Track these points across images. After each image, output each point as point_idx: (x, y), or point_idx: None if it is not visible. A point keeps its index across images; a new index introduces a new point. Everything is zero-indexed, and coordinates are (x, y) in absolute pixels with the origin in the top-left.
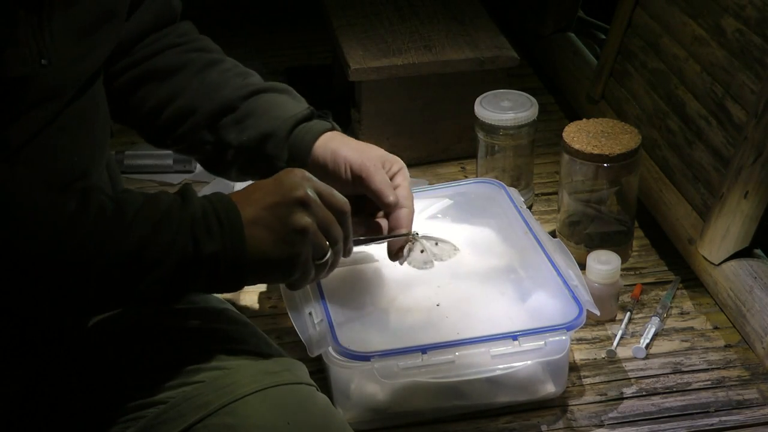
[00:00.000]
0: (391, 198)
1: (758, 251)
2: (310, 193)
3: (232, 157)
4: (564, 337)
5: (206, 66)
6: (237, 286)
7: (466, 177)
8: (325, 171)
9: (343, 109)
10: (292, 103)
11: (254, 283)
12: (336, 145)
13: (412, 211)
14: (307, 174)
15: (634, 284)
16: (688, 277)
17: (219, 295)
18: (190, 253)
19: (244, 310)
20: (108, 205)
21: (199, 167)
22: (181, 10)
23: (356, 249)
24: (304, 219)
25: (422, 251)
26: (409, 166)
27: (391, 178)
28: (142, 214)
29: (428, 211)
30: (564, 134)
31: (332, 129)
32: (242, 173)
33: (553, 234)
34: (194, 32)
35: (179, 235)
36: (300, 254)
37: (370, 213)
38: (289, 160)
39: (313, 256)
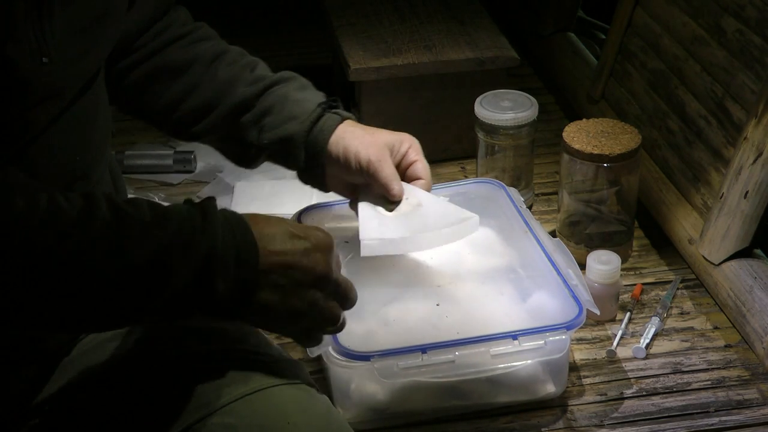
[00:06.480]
0: (394, 191)
1: (758, 251)
2: (333, 269)
3: (254, 154)
4: (564, 337)
5: (214, 59)
6: (230, 323)
7: (466, 177)
8: (339, 166)
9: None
10: (305, 97)
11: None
12: (346, 141)
13: (429, 183)
14: (333, 244)
15: (634, 284)
16: (688, 277)
17: None
18: (198, 286)
19: None
20: (110, 215)
21: (199, 167)
22: None
23: None
24: (316, 295)
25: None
26: None
27: (404, 157)
28: (154, 233)
29: None
30: (564, 134)
31: (342, 120)
32: (263, 162)
33: (553, 234)
34: (191, 19)
35: (191, 264)
36: (302, 321)
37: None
38: (306, 159)
39: (322, 326)
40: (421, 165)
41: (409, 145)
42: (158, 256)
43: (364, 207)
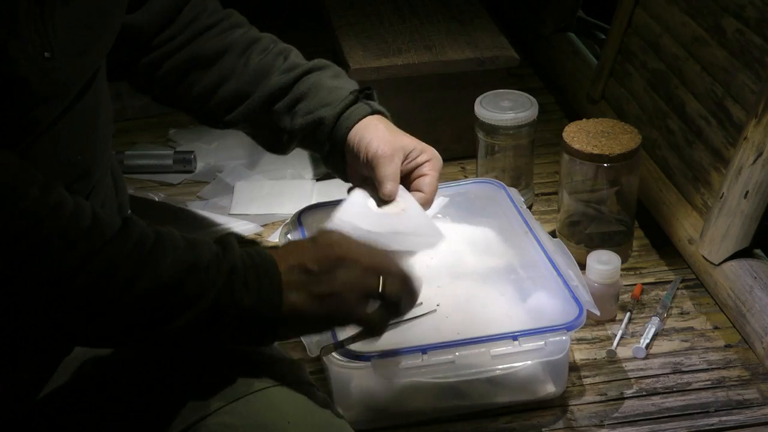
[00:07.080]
0: (385, 189)
1: (758, 251)
2: (346, 251)
3: (287, 140)
4: (564, 338)
5: (247, 47)
6: (268, 341)
7: (466, 177)
8: (353, 156)
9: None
10: (338, 85)
11: (289, 338)
12: (365, 132)
13: (428, 200)
14: (343, 233)
15: (634, 284)
16: (688, 277)
17: None
18: (224, 303)
19: None
20: (149, 238)
21: (199, 167)
22: None
23: None
24: (336, 280)
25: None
26: None
27: (418, 167)
28: (181, 255)
29: (429, 211)
30: (564, 134)
31: (373, 113)
32: (295, 148)
33: (553, 234)
34: (220, 7)
35: (216, 283)
36: (334, 313)
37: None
38: (330, 145)
39: (358, 311)
40: (428, 180)
41: (428, 158)
42: (187, 275)
43: (356, 193)
